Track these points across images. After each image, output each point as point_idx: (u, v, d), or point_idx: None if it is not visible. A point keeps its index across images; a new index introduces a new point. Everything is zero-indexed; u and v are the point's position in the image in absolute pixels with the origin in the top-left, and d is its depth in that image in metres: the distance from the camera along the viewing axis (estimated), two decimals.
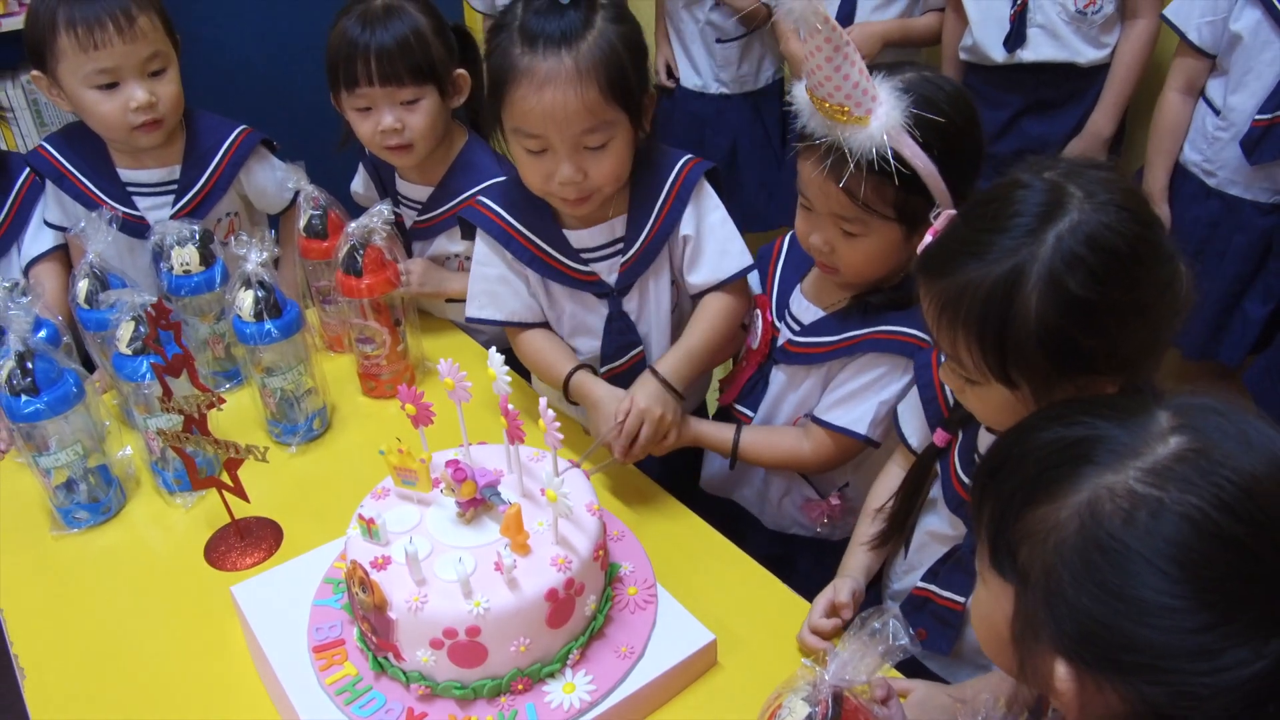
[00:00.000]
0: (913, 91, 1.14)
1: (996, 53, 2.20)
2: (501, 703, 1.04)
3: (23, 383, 1.29)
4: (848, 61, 1.09)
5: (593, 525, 1.09)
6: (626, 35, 1.29)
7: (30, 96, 2.74)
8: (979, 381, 0.96)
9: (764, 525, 1.55)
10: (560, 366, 1.45)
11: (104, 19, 1.60)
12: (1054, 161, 0.95)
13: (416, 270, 1.74)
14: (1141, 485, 0.64)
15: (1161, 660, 0.61)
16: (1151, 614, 0.61)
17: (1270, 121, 1.85)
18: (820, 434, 1.36)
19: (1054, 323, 0.88)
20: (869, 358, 1.32)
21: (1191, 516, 0.61)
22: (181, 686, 1.16)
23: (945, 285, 0.94)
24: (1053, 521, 0.66)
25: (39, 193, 1.80)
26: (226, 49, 2.96)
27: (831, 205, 1.23)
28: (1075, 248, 0.87)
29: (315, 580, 1.19)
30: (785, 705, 0.87)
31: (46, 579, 1.33)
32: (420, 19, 1.62)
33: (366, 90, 1.62)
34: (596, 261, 1.45)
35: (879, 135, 1.12)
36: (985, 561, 0.74)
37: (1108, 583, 0.63)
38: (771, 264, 1.46)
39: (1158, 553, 0.61)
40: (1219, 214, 2.03)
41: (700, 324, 1.42)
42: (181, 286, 1.60)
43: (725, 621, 1.16)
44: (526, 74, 1.26)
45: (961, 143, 1.19)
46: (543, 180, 1.34)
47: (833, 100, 1.11)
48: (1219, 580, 0.61)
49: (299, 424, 1.52)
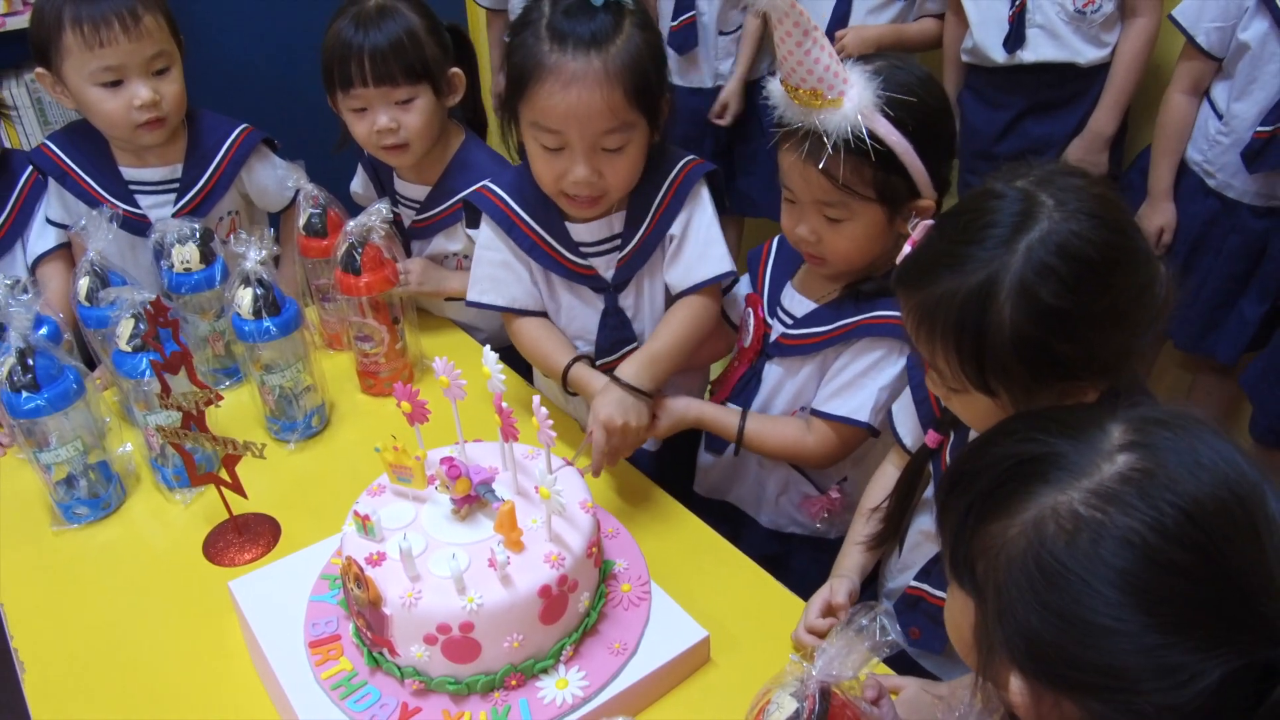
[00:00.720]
0: (883, 75, 1.18)
1: (997, 54, 2.20)
2: (495, 698, 1.05)
3: (23, 379, 1.31)
4: (817, 45, 1.12)
5: (586, 522, 1.10)
6: (651, 42, 1.32)
7: (34, 95, 2.75)
8: (960, 390, 0.97)
9: (760, 525, 1.55)
10: (558, 357, 1.46)
11: (110, 17, 1.62)
12: (1027, 169, 0.95)
13: (415, 269, 1.75)
14: (1085, 507, 0.64)
15: (1108, 679, 0.61)
16: (1096, 635, 0.61)
17: (1271, 133, 1.86)
18: (823, 426, 1.37)
19: (1029, 332, 0.89)
20: (864, 343, 1.33)
21: (1132, 540, 0.62)
22: (179, 680, 1.17)
23: (922, 298, 0.95)
24: (1004, 539, 0.67)
25: (42, 190, 1.81)
26: (227, 48, 2.97)
27: (814, 192, 1.25)
28: (1046, 257, 0.88)
29: (312, 576, 1.20)
30: (773, 700, 0.88)
31: (46, 574, 1.34)
32: (414, 19, 1.63)
33: (361, 91, 1.63)
34: (595, 256, 1.47)
35: (853, 115, 1.16)
36: (949, 572, 0.75)
37: (1052, 604, 0.63)
38: (762, 264, 1.47)
39: (1098, 576, 0.62)
40: (1216, 213, 2.04)
41: (666, 327, 1.42)
42: (182, 284, 1.61)
43: (718, 618, 1.17)
44: (553, 71, 1.27)
45: (935, 122, 1.22)
46: (555, 179, 1.36)
47: (805, 85, 1.15)
48: (1161, 603, 0.61)
49: (297, 421, 1.53)
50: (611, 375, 1.37)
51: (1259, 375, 2.03)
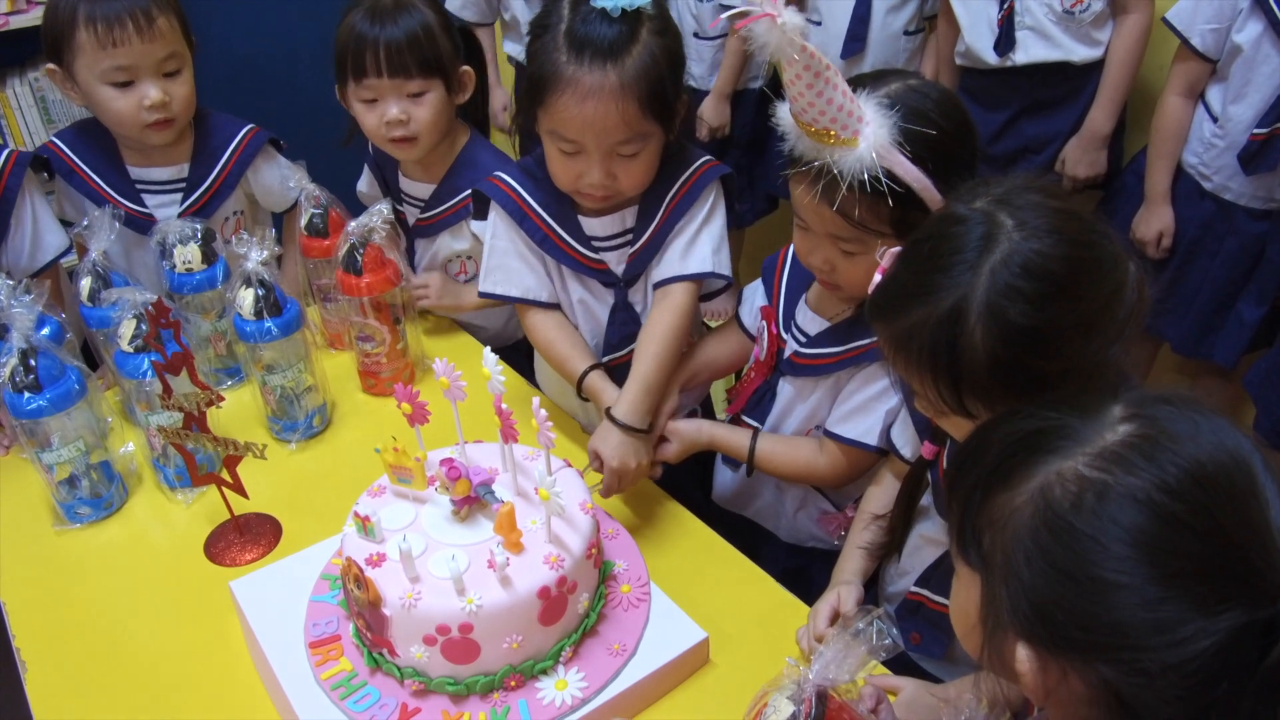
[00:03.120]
0: (900, 104, 1.11)
1: (989, 57, 2.20)
2: (494, 699, 1.05)
3: (26, 380, 1.31)
4: (830, 86, 1.06)
5: (586, 524, 1.10)
6: (668, 48, 1.31)
7: (38, 94, 2.76)
8: (945, 413, 0.97)
9: (780, 539, 1.54)
10: (575, 363, 1.46)
11: (124, 17, 1.63)
12: (986, 187, 0.95)
13: (434, 284, 1.77)
14: (1089, 469, 0.66)
15: (1114, 637, 0.62)
16: (1102, 591, 0.63)
17: (1268, 135, 1.86)
18: (834, 448, 1.36)
19: (1002, 353, 0.89)
20: (875, 368, 1.32)
21: (1136, 497, 0.63)
22: (180, 680, 1.17)
23: (894, 329, 0.96)
24: (1010, 508, 0.68)
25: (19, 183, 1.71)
26: (231, 48, 2.98)
27: (828, 226, 1.21)
28: (1010, 279, 0.88)
29: (313, 576, 1.20)
30: (770, 704, 0.88)
31: (48, 574, 1.34)
32: (429, 14, 1.64)
33: (374, 82, 1.63)
34: (606, 250, 1.47)
35: (868, 156, 1.09)
36: (955, 551, 0.76)
37: (1059, 563, 0.65)
38: (777, 275, 1.45)
39: (1104, 532, 0.63)
40: (1212, 215, 2.03)
41: (649, 349, 1.40)
42: (184, 285, 1.61)
43: (717, 620, 1.17)
44: (571, 84, 1.27)
45: (955, 150, 1.16)
46: (572, 180, 1.37)
47: (818, 125, 1.09)
48: (1166, 556, 0.62)
49: (299, 421, 1.54)
50: (609, 414, 1.36)
51: (1263, 376, 2.03)
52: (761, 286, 1.48)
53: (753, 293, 1.51)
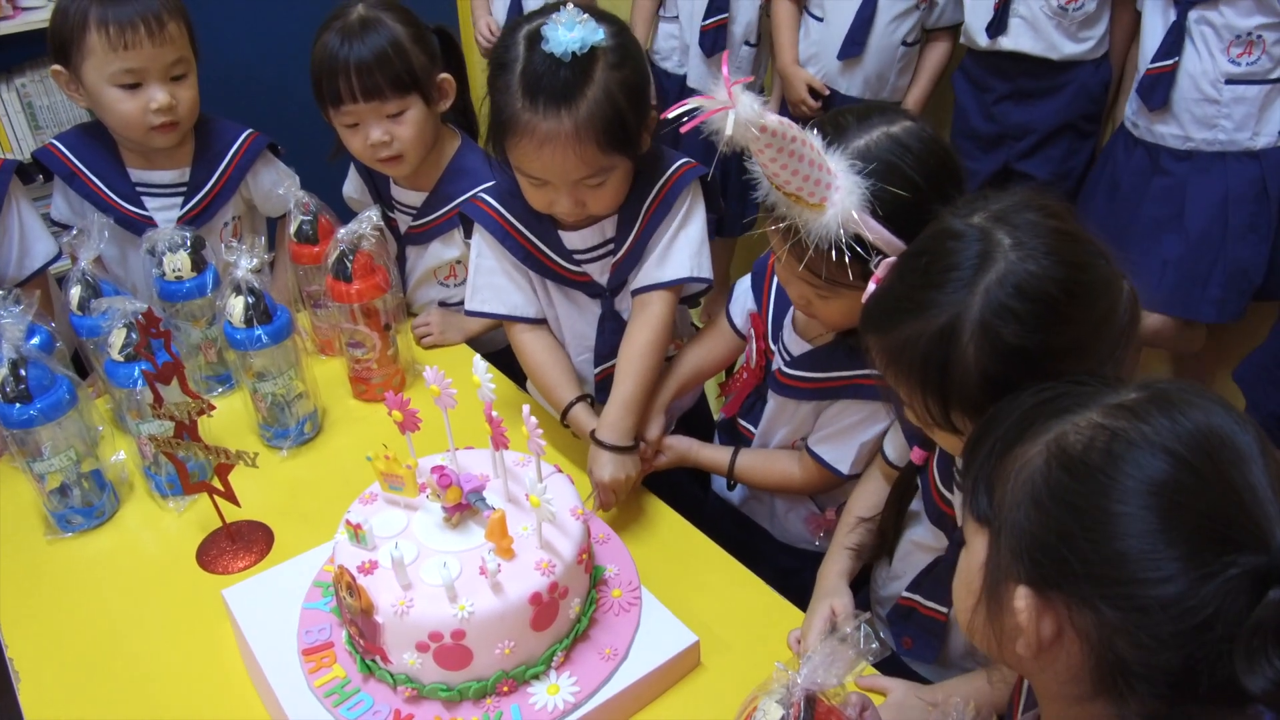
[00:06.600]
0: (876, 160, 1.07)
1: (980, 37, 2.29)
2: (487, 704, 1.06)
3: (16, 389, 1.31)
4: (795, 157, 1.02)
5: (577, 529, 1.11)
6: (626, 81, 1.28)
7: (25, 100, 2.75)
8: (930, 426, 0.98)
9: (774, 538, 1.56)
10: (561, 393, 1.48)
11: (136, 21, 1.64)
12: (985, 201, 0.95)
13: (435, 322, 1.79)
14: (1103, 418, 0.69)
15: (1115, 569, 0.65)
16: (1107, 521, 0.65)
17: (1159, 70, 2.00)
18: (810, 462, 1.39)
19: (994, 371, 0.89)
20: (852, 401, 1.33)
21: (1148, 438, 0.67)
22: (173, 688, 1.18)
23: (887, 342, 0.96)
24: (1023, 460, 0.71)
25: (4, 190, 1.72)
26: (224, 53, 2.97)
27: (799, 274, 1.18)
28: (1004, 299, 0.88)
29: (305, 583, 1.20)
30: (760, 708, 0.89)
31: (40, 583, 1.34)
32: (398, 29, 1.63)
33: (351, 107, 1.64)
34: (588, 262, 1.47)
35: (835, 223, 1.05)
36: (966, 514, 0.77)
37: (1067, 496, 0.68)
38: (766, 280, 1.44)
39: (1114, 469, 0.66)
40: (1144, 164, 2.14)
41: (627, 367, 1.42)
42: (174, 292, 1.61)
43: (708, 623, 1.18)
44: (527, 130, 1.27)
45: (930, 208, 1.05)
46: (544, 205, 1.39)
47: (788, 189, 1.06)
48: (1170, 493, 0.65)
49: (290, 428, 1.54)
50: (593, 436, 1.38)
51: (1254, 372, 2.04)
52: (751, 289, 1.49)
53: (744, 292, 1.51)
